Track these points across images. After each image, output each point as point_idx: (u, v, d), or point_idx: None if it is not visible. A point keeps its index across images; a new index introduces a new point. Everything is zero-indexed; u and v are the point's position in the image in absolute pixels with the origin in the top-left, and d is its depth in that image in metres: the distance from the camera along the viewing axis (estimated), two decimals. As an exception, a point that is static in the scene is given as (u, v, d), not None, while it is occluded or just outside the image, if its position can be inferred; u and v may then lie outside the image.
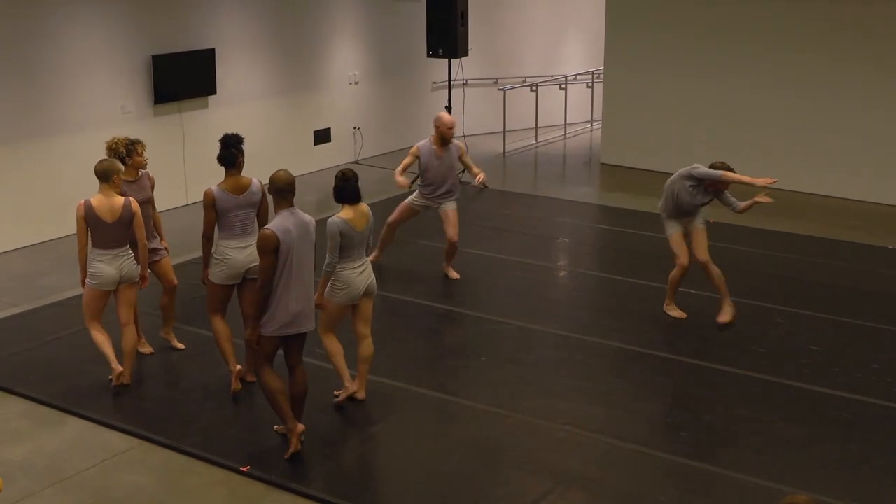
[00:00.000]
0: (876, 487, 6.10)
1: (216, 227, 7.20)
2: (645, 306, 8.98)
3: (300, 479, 6.21)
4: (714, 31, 13.47)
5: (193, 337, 8.16)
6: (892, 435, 6.76)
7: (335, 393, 7.21)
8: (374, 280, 7.09)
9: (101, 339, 7.34)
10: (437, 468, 6.35)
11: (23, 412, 7.17)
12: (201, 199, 7.27)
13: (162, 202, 11.22)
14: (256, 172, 12.40)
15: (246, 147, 7.31)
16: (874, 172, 12.55)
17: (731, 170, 8.29)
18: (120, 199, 7.23)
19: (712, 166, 8.36)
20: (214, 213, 7.14)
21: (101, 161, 7.33)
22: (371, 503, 5.96)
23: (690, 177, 8.34)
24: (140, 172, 7.79)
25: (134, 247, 7.37)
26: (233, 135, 7.27)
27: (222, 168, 7.21)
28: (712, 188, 8.35)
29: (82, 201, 7.20)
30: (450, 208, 9.56)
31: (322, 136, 14.39)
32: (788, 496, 3.46)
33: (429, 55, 13.68)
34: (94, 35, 11.33)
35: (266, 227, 6.34)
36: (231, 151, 7.19)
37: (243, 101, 13.10)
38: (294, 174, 6.64)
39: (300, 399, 6.57)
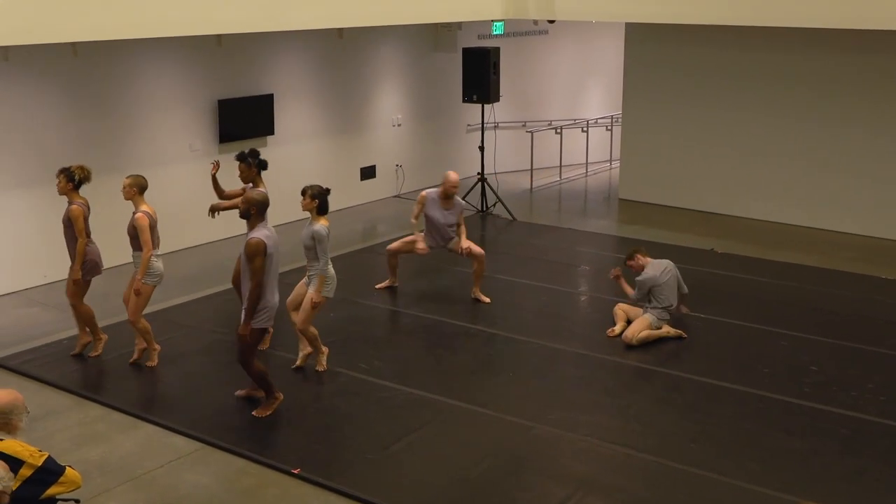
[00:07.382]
0: (871, 497, 6.00)
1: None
2: (658, 328, 8.90)
3: (344, 481, 6.20)
4: (726, 73, 13.27)
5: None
6: (885, 448, 6.64)
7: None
8: None
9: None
10: (468, 474, 6.32)
11: (99, 417, 7.23)
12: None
13: (225, 232, 11.41)
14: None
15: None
16: (875, 209, 12.29)
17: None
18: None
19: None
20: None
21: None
22: (408, 504, 5.95)
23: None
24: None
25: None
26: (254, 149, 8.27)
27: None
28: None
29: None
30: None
31: (368, 173, 14.44)
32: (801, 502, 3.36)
33: (464, 100, 13.71)
34: (167, 80, 11.48)
35: (253, 235, 6.75)
36: (263, 160, 8.23)
37: (298, 140, 13.19)
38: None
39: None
